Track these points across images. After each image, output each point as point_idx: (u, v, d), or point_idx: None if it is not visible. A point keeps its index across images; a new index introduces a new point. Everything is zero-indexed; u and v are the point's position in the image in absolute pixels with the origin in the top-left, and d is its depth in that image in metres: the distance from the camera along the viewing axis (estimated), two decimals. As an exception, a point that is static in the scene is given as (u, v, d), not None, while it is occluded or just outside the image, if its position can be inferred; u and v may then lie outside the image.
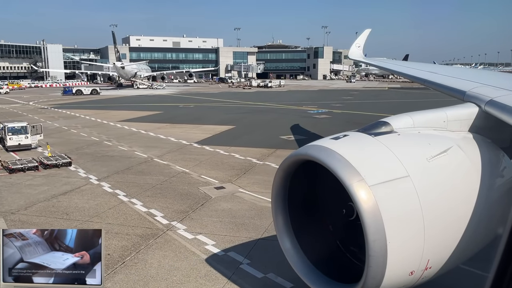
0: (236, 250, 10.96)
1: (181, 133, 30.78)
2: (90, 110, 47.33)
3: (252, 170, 19.46)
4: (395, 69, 17.78)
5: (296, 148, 22.73)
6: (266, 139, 28.04)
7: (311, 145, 5.99)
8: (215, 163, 20.87)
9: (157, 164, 20.80)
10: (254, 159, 21.74)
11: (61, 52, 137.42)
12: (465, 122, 6.74)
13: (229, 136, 29.69)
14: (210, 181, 17.59)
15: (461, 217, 5.75)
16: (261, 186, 16.88)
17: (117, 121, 37.68)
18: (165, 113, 44.65)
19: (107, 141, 27.17)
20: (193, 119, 38.81)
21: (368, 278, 5.35)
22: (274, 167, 19.86)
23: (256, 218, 13.31)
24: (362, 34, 28.04)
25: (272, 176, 18.36)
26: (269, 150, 24.01)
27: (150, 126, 34.37)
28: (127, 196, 15.59)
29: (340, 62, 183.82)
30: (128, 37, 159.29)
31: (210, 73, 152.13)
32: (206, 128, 33.33)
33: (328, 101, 58.89)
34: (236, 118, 39.79)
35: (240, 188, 16.61)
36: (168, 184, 17.17)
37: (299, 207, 6.74)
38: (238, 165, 20.52)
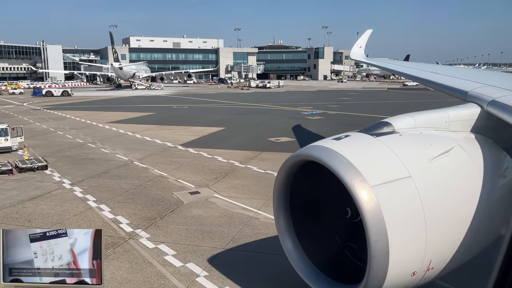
0: (195, 261, 10.39)
1: (168, 135, 30.27)
2: (82, 111, 46.91)
3: (232, 174, 18.89)
4: (396, 70, 17.64)
5: (282, 151, 22.09)
6: (253, 141, 27.49)
7: (313, 145, 5.95)
8: (196, 167, 20.32)
9: (136, 167, 20.27)
10: (236, 162, 21.18)
11: (61, 52, 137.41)
12: (467, 122, 6.67)
13: (216, 138, 29.15)
14: (186, 186, 17.04)
15: (463, 217, 5.71)
16: (238, 191, 16.32)
17: (106, 122, 37.22)
18: (157, 114, 44.17)
19: (91, 143, 26.67)
20: (183, 121, 38.30)
21: (370, 278, 5.31)
22: (255, 171, 19.34)
23: (225, 225, 12.74)
24: (364, 35, 27.84)
25: (250, 180, 17.92)
26: (254, 153, 23.44)
27: (138, 127, 33.89)
28: (97, 201, 15.06)
29: (341, 62, 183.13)
30: (128, 38, 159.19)
31: (210, 74, 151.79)
32: (195, 129, 32.81)
33: (325, 102, 58.34)
34: (228, 120, 39.25)
35: (215, 193, 16.05)
36: (142, 189, 16.63)
37: (301, 207, 6.70)
38: (218, 168, 19.96)
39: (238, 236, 11.89)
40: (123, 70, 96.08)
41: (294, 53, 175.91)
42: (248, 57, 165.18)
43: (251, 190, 16.43)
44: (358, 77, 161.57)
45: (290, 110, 47.81)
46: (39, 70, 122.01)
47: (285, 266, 10.03)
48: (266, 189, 16.40)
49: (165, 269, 10.04)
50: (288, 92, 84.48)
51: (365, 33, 28.04)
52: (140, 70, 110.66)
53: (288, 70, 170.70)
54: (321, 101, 60.03)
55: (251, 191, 16.30)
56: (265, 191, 16.20)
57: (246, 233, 12.15)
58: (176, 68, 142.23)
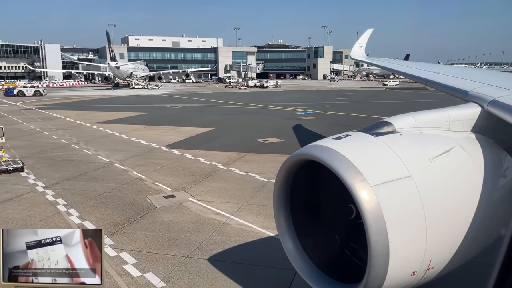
0: (155, 271, 9.88)
1: (155, 135, 29.79)
2: (74, 111, 46.50)
3: (212, 177, 18.38)
4: (397, 69, 17.37)
5: (267, 153, 21.58)
6: (240, 142, 26.99)
7: (313, 145, 5.92)
8: (176, 169, 19.82)
9: (115, 169, 19.78)
10: (219, 164, 20.68)
11: (59, 52, 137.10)
12: (467, 122, 6.66)
13: (204, 139, 28.65)
14: (162, 189, 16.54)
15: (464, 217, 5.72)
16: (215, 194, 15.81)
17: (96, 122, 36.77)
18: (148, 114, 43.71)
19: (75, 144, 26.19)
20: (174, 121, 37.82)
21: (370, 278, 5.30)
22: (236, 173, 18.85)
23: (194, 232, 12.24)
24: (364, 34, 27.50)
25: (230, 183, 17.40)
26: (239, 154, 22.94)
27: (127, 128, 33.43)
28: (67, 205, 14.57)
29: (341, 62, 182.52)
30: (127, 37, 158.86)
31: (209, 73, 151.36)
32: (184, 130, 32.32)
33: (321, 102, 57.84)
34: (219, 120, 38.77)
35: (191, 197, 15.55)
36: (116, 192, 16.13)
37: (301, 207, 6.68)
38: (200, 170, 19.47)
39: (205, 244, 11.38)
40: (120, 69, 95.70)
41: (294, 53, 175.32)
42: (248, 56, 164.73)
43: (228, 193, 15.93)
44: (358, 77, 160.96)
45: (284, 110, 47.31)
46: (36, 70, 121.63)
47: (249, 277, 9.64)
48: (244, 193, 15.94)
49: (121, 279, 9.53)
50: (285, 92, 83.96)
51: (366, 33, 27.74)
52: (138, 70, 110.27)
53: (288, 70, 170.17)
54: (317, 101, 59.53)
55: (228, 194, 15.80)
56: (242, 194, 15.71)
57: (214, 240, 11.64)
58: (175, 67, 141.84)
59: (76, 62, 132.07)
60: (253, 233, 12.12)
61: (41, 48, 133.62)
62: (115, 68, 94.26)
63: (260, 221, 13.01)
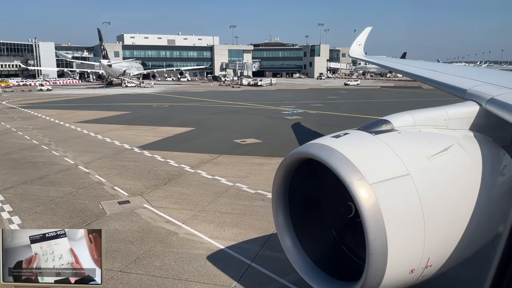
0: None
1: (131, 135, 28.99)
2: (58, 110, 45.72)
3: (175, 181, 17.59)
4: (396, 67, 17.27)
5: (241, 154, 20.76)
6: (217, 143, 26.20)
7: (312, 143, 5.93)
8: (141, 172, 19.02)
9: (77, 172, 18.97)
10: (188, 166, 19.88)
11: (53, 50, 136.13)
12: (465, 120, 6.68)
13: (180, 139, 27.84)
14: (119, 194, 15.74)
15: (462, 215, 5.72)
16: (172, 200, 15.02)
17: (76, 122, 35.98)
18: (132, 114, 42.92)
19: (45, 145, 25.37)
20: (155, 120, 37.04)
21: (368, 276, 5.30)
22: (202, 177, 18.06)
23: (137, 242, 11.44)
24: (363, 32, 27.24)
25: (192, 187, 16.52)
26: (212, 156, 22.15)
27: (105, 127, 32.64)
28: (12, 212, 13.76)
29: (338, 60, 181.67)
30: (122, 35, 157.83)
31: (205, 71, 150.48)
32: (162, 130, 31.52)
33: (311, 101, 57.07)
34: (202, 119, 37.97)
35: (146, 203, 14.75)
36: (69, 198, 15.33)
37: (300, 205, 6.69)
38: (165, 174, 18.67)
39: (144, 256, 10.58)
40: (112, 67, 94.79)
41: (290, 51, 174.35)
42: (244, 54, 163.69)
43: (187, 199, 15.14)
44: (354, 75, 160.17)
45: (271, 109, 46.51)
46: (29, 68, 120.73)
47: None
48: (204, 198, 15.16)
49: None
50: (278, 91, 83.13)
51: (364, 31, 27.42)
52: (131, 68, 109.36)
53: (284, 68, 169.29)
54: (308, 100, 58.75)
55: (186, 200, 15.00)
56: (201, 200, 14.93)
57: (156, 252, 10.85)
58: (171, 65, 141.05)
59: (69, 60, 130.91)
60: (199, 244, 11.33)
61: (35, 46, 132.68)
62: (107, 66, 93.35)
63: (211, 230, 12.23)
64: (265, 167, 19.74)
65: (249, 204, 14.51)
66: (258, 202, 14.68)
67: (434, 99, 58.05)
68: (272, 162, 20.74)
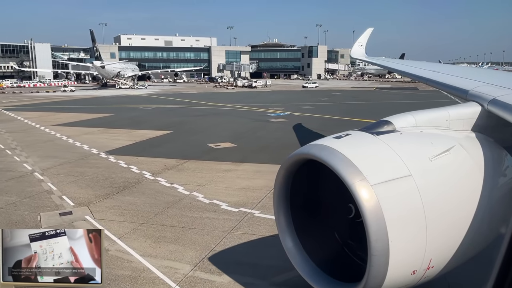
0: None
1: (104, 139, 28.03)
2: (39, 112, 44.85)
3: (130, 189, 16.59)
4: (398, 68, 17.33)
5: (210, 160, 19.73)
6: (189, 148, 25.21)
7: (313, 144, 5.92)
8: (98, 179, 18.03)
9: (30, 180, 18.00)
10: (149, 173, 18.89)
11: (49, 51, 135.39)
12: (467, 121, 6.64)
13: (153, 143, 26.85)
14: (64, 204, 14.75)
15: (464, 216, 5.69)
16: (117, 211, 14.02)
17: (52, 125, 35.04)
18: (114, 116, 41.97)
19: (10, 150, 24.41)
20: (135, 123, 36.08)
21: (370, 277, 5.29)
22: (160, 185, 17.09)
23: (60, 261, 10.43)
24: (365, 33, 27.06)
25: (145, 197, 15.39)
26: (178, 162, 21.15)
27: (80, 131, 31.72)
28: None
29: (337, 61, 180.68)
30: (119, 36, 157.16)
31: (202, 73, 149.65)
32: (138, 133, 30.54)
33: (302, 103, 56.04)
34: (183, 122, 37.02)
35: (89, 214, 13.76)
36: (10, 208, 14.35)
37: (301, 206, 6.66)
38: (122, 181, 17.68)
39: (61, 278, 9.58)
40: (106, 68, 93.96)
41: (288, 52, 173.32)
42: (241, 55, 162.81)
43: (133, 210, 14.14)
44: (352, 76, 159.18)
45: (258, 112, 45.50)
46: (25, 69, 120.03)
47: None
48: (152, 209, 14.17)
49: None
50: (271, 92, 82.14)
51: (366, 32, 27.17)
52: (126, 69, 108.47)
53: (282, 69, 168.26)
54: (299, 102, 57.73)
55: (132, 211, 14.01)
56: (148, 211, 13.95)
57: (76, 272, 9.84)
58: (167, 66, 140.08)
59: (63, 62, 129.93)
60: (127, 263, 10.31)
61: (30, 47, 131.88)
62: (100, 68, 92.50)
63: (146, 246, 11.21)
64: (229, 174, 18.75)
65: (198, 216, 13.51)
66: (209, 214, 13.68)
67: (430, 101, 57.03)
68: (239, 169, 19.78)
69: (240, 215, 13.48)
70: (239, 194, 15.72)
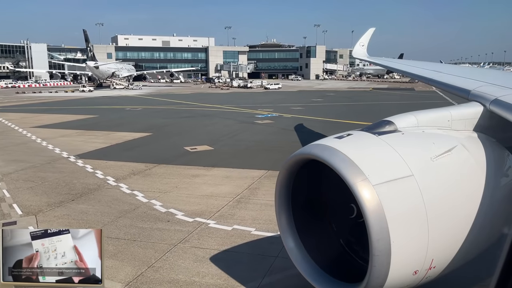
0: None
1: (79, 142, 27.21)
2: (23, 114, 44.22)
3: (87, 196, 15.74)
4: (399, 68, 17.28)
5: (181, 164, 18.84)
6: (164, 151, 24.38)
7: (315, 144, 5.92)
8: (57, 185, 17.20)
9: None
10: (113, 179, 18.04)
11: (45, 51, 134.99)
12: (469, 121, 6.64)
13: (128, 146, 26.03)
14: (12, 213, 13.93)
15: (466, 216, 5.65)
16: (65, 221, 13.17)
17: (33, 127, 34.28)
18: (98, 117, 41.23)
19: (-22, 153, 23.64)
20: (117, 125, 35.26)
21: (371, 277, 5.26)
22: (120, 191, 16.27)
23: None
24: (366, 33, 26.89)
25: (100, 205, 14.38)
26: (147, 166, 20.32)
27: (58, 133, 30.95)
28: None
29: (335, 61, 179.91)
30: (116, 36, 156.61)
31: (199, 73, 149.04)
32: (117, 136, 29.72)
33: (293, 104, 55.23)
34: (167, 124, 36.22)
35: (34, 224, 12.92)
36: (-48, 218, 13.55)
37: (302, 206, 6.69)
38: (82, 187, 16.84)
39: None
40: (100, 69, 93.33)
41: (286, 52, 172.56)
42: (239, 56, 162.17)
43: (83, 219, 13.31)
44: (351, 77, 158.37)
45: (246, 113, 44.65)
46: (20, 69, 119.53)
47: None
48: (103, 218, 13.36)
49: None
50: (265, 93, 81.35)
51: (368, 32, 26.96)
52: (121, 69, 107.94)
53: (280, 69, 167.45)
54: (291, 103, 56.90)
55: (81, 221, 13.17)
56: (97, 221, 13.11)
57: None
58: (165, 67, 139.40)
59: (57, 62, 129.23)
60: (53, 282, 9.46)
61: (26, 47, 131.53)
62: (94, 68, 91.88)
63: (81, 262, 10.35)
64: (196, 180, 17.91)
65: (149, 226, 12.66)
66: (161, 224, 12.82)
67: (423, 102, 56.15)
68: (209, 174, 18.95)
69: (194, 226, 12.63)
70: (200, 202, 14.87)
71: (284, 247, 6.75)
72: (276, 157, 22.36)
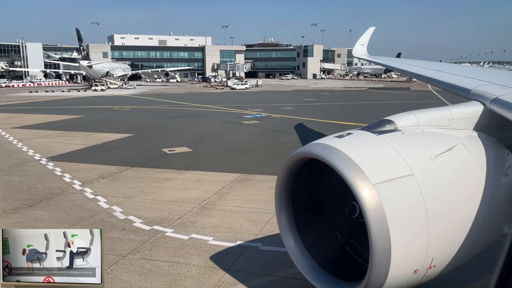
0: None
1: (56, 143, 26.50)
2: (8, 114, 43.45)
3: (47, 202, 15.04)
4: (399, 67, 17.22)
5: (154, 167, 18.11)
6: (141, 153, 23.67)
7: (315, 143, 5.88)
8: (18, 190, 16.50)
9: None
10: (79, 182, 17.33)
11: (41, 51, 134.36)
12: (469, 120, 6.59)
13: (105, 148, 25.31)
14: (-38, 220, 13.24)
15: (466, 215, 5.66)
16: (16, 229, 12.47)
17: (13, 127, 33.56)
18: (83, 118, 40.53)
19: None
20: (99, 126, 34.55)
21: (371, 276, 5.29)
22: (82, 196, 15.61)
23: None
24: (366, 32, 26.80)
25: (59, 211, 13.21)
26: (119, 169, 19.61)
27: (37, 134, 30.25)
28: None
29: (333, 61, 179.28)
30: (112, 36, 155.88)
31: (196, 72, 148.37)
32: (96, 137, 29.01)
33: (285, 104, 54.57)
34: (151, 124, 35.53)
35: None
36: None
37: (303, 205, 6.66)
38: (44, 192, 16.14)
39: None
40: (93, 68, 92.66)
41: (284, 51, 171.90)
42: (236, 55, 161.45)
43: (36, 227, 12.60)
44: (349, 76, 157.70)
45: (235, 113, 43.95)
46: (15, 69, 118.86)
47: None
48: (57, 226, 12.64)
49: None
50: (259, 92, 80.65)
51: (368, 31, 26.85)
52: (116, 69, 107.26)
53: (277, 69, 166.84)
54: (283, 102, 56.24)
55: (35, 228, 12.46)
56: (53, 225, 12.43)
57: None
58: (161, 66, 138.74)
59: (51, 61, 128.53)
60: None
61: (21, 47, 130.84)
62: (87, 67, 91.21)
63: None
64: (165, 184, 17.22)
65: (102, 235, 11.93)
66: (115, 233, 12.12)
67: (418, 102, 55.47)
68: (180, 177, 18.26)
69: (149, 235, 11.92)
70: (162, 209, 14.17)
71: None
72: (254, 159, 21.69)
